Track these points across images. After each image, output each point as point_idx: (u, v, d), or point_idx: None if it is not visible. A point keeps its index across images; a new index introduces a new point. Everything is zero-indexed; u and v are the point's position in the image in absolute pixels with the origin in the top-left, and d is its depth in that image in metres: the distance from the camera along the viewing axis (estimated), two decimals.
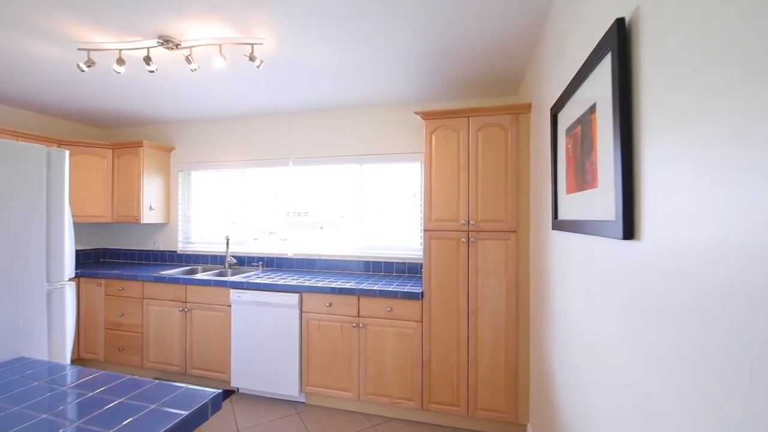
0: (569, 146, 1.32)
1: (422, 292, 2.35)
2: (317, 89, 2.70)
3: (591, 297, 1.14)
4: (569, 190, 1.32)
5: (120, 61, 2.06)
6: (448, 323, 2.30)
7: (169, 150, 3.71)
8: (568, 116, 1.34)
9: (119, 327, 3.10)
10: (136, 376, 1.11)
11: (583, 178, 1.16)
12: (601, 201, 1.02)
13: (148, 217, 3.48)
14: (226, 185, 3.63)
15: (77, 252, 3.77)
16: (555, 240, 1.55)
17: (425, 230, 2.36)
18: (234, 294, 2.71)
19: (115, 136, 3.99)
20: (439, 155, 2.33)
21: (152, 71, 2.08)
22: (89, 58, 2.07)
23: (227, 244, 3.34)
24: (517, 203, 2.21)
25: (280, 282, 2.66)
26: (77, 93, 2.83)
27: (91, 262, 3.84)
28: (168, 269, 3.31)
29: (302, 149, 3.31)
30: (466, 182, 2.28)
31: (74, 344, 3.18)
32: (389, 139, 3.08)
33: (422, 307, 2.35)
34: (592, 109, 1.08)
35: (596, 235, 1.04)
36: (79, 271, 3.21)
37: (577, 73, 1.18)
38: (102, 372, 1.15)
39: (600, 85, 1.01)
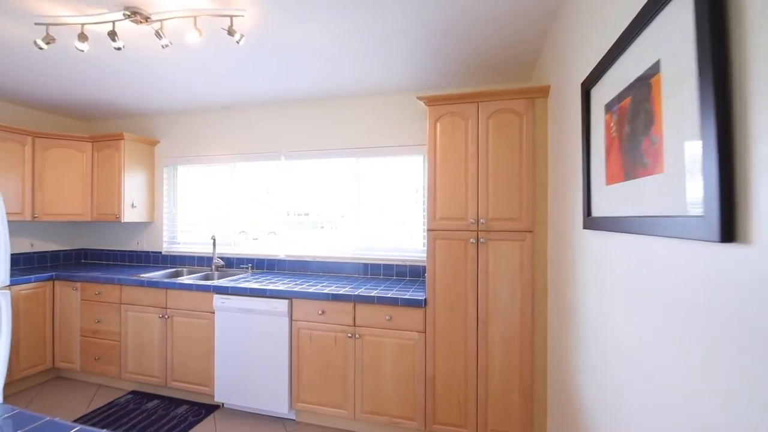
0: (611, 125, 1.06)
1: (425, 299, 2.09)
2: (307, 75, 2.44)
3: (645, 310, 0.88)
4: (610, 180, 1.07)
5: (82, 37, 1.81)
6: (454, 334, 2.05)
7: (153, 143, 3.46)
8: (608, 88, 1.08)
9: (96, 334, 2.85)
10: (57, 419, 0.86)
11: (638, 163, 0.90)
12: (670, 190, 0.76)
13: (130, 215, 3.23)
14: (214, 182, 3.37)
15: (56, 253, 3.52)
16: (588, 241, 1.29)
17: (429, 230, 2.10)
18: (218, 299, 2.45)
19: (99, 130, 3.74)
20: (444, 145, 2.08)
21: (119, 48, 1.82)
22: (48, 34, 1.82)
23: (214, 244, 3.09)
24: (534, 199, 1.95)
25: (269, 287, 2.40)
26: (43, 78, 2.58)
27: (72, 263, 3.60)
28: (151, 271, 3.07)
29: (295, 142, 3.06)
30: (476, 176, 2.02)
31: (50, 352, 2.93)
32: (389, 131, 2.82)
33: (425, 316, 2.10)
34: (654, 69, 0.82)
35: (660, 235, 0.79)
36: (53, 273, 2.97)
37: (627, 28, 0.92)
38: (19, 411, 0.90)
39: (669, 33, 0.76)
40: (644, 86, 0.86)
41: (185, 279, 2.73)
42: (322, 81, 2.56)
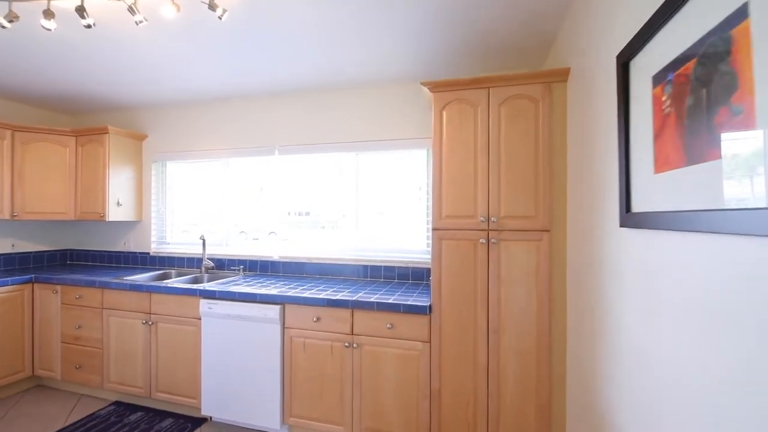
0: (662, 99, 0.86)
1: (430, 306, 1.90)
2: (299, 61, 2.24)
3: (718, 328, 0.69)
4: (662, 167, 0.87)
5: (48, 14, 1.62)
6: (462, 344, 1.85)
7: (140, 138, 3.28)
8: (658, 55, 0.89)
9: (77, 341, 2.66)
10: None
11: (707, 142, 0.70)
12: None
13: (115, 214, 3.04)
14: (205, 178, 3.19)
15: (39, 254, 3.34)
16: (626, 241, 1.09)
17: (434, 229, 1.91)
18: (204, 304, 2.26)
19: (86, 125, 3.56)
20: (451, 136, 1.88)
21: (89, 26, 1.63)
22: (10, 11, 1.64)
23: (203, 245, 2.90)
24: (551, 195, 1.76)
25: (260, 291, 2.21)
26: (15, 63, 2.39)
27: (56, 264, 3.41)
28: (139, 273, 2.88)
29: (290, 136, 2.86)
30: (486, 169, 1.83)
31: (30, 359, 2.75)
32: (390, 123, 2.62)
33: (430, 324, 1.90)
34: (737, 17, 0.62)
35: (745, 233, 0.59)
36: (32, 275, 2.78)
37: None
38: None
39: None
40: (720, 42, 0.67)
41: (170, 282, 2.54)
42: (315, 69, 2.37)
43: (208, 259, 2.98)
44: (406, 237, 2.64)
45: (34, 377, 2.86)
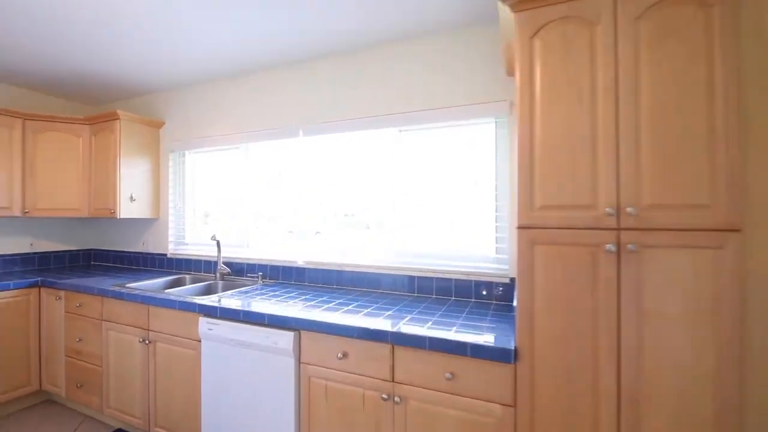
0: None
1: (515, 349, 1.21)
2: (320, 14, 1.66)
3: None
4: None
5: None
6: (572, 416, 1.15)
7: (157, 125, 2.91)
8: None
9: (78, 355, 2.31)
10: None
11: None
12: None
13: (128, 210, 2.69)
14: (225, 170, 2.74)
15: (60, 254, 3.10)
16: None
17: (521, 227, 1.22)
18: (204, 324, 1.76)
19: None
20: (550, 78, 1.18)
21: None
22: None
23: (218, 247, 2.43)
24: (742, 170, 1.00)
25: (269, 309, 1.66)
26: (15, 40, 2.06)
27: (79, 266, 3.15)
28: (156, 277, 2.52)
29: (316, 113, 2.30)
30: (613, 127, 1.11)
31: (37, 372, 2.46)
32: (443, 87, 1.96)
33: (516, 377, 1.21)
34: None
35: None
36: (39, 278, 2.49)
37: None
38: None
39: None
40: None
41: (170, 293, 2.07)
42: (341, 24, 1.77)
43: (224, 263, 2.52)
44: (467, 239, 1.96)
45: (42, 392, 2.56)
